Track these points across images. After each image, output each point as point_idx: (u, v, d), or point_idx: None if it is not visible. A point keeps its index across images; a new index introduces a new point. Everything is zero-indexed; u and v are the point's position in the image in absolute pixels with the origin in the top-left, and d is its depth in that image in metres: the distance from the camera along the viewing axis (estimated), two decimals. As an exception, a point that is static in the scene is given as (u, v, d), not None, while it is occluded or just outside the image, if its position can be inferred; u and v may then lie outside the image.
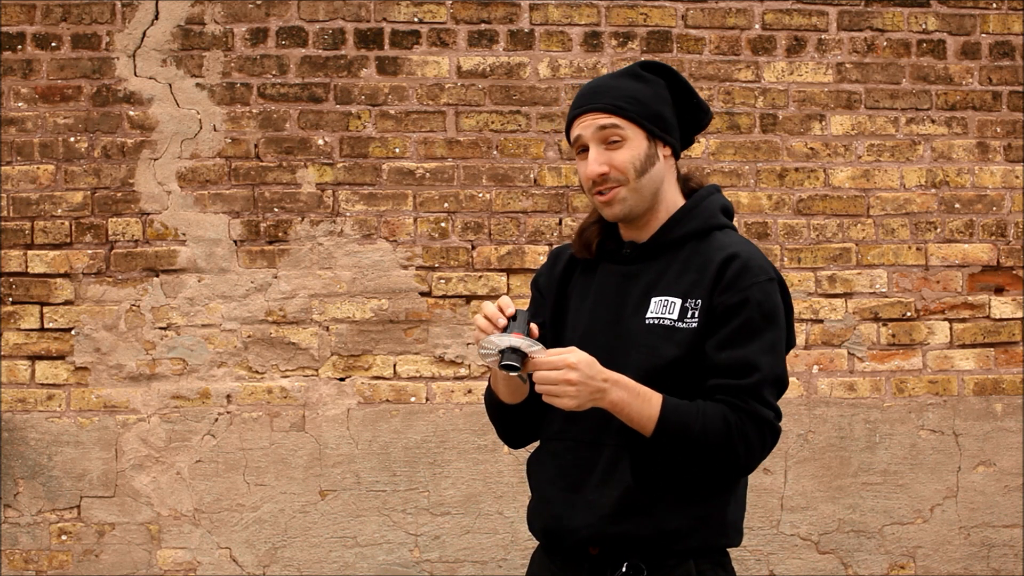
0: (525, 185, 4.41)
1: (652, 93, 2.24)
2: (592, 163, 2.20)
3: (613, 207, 2.22)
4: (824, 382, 4.49)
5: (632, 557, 2.16)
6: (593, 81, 2.29)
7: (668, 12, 4.48)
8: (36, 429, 4.27)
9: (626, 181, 2.20)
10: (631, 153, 2.20)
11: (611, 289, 2.24)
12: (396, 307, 4.36)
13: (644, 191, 2.22)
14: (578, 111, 2.24)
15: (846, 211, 4.52)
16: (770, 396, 2.14)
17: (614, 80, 2.25)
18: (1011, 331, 4.56)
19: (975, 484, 4.54)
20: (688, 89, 2.28)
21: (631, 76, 2.25)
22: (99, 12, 4.31)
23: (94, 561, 4.27)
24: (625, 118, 2.20)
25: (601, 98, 2.21)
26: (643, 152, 2.21)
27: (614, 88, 2.22)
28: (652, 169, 2.22)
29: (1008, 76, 4.59)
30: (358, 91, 4.36)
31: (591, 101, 2.22)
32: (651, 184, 2.22)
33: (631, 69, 2.26)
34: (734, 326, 2.13)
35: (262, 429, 4.32)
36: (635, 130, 2.20)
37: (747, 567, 4.42)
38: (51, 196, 4.29)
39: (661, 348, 2.15)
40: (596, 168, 2.19)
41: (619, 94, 2.21)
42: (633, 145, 2.20)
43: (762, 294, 2.16)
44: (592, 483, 2.18)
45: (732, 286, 2.15)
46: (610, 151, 2.20)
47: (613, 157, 2.20)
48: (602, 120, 2.20)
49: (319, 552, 4.33)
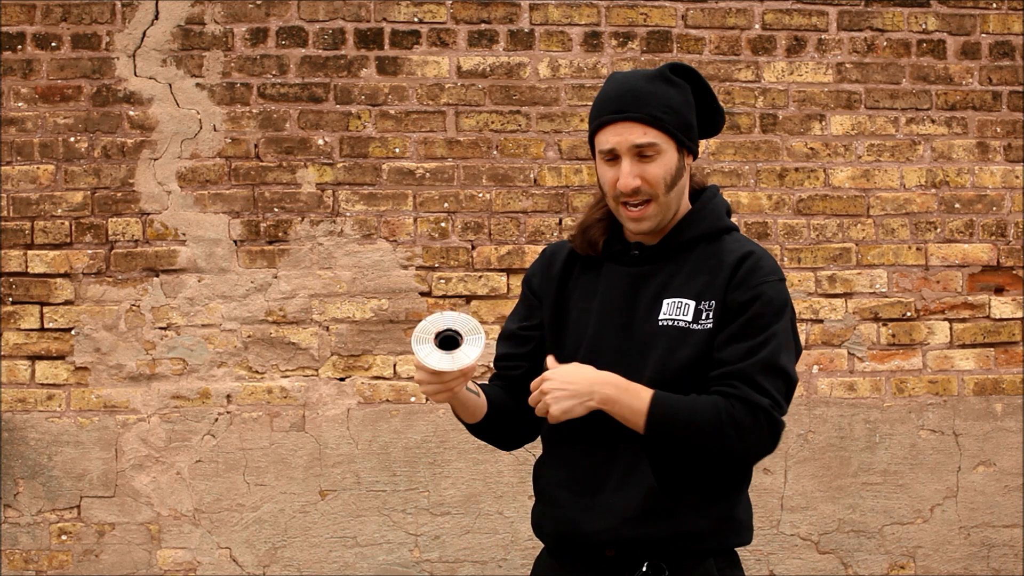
0: (525, 185, 4.41)
1: (683, 100, 2.18)
2: (626, 175, 2.14)
3: (642, 223, 2.18)
4: (824, 382, 4.49)
5: (652, 558, 2.15)
6: (627, 83, 2.19)
7: (668, 12, 4.48)
8: (36, 429, 4.27)
9: (656, 196, 2.16)
10: (664, 168, 2.15)
11: (620, 291, 2.22)
12: (396, 307, 4.36)
13: (672, 204, 2.19)
14: (614, 117, 2.16)
15: (846, 211, 4.52)
16: (766, 383, 2.09)
17: (650, 85, 2.17)
18: (1011, 331, 4.57)
19: (975, 484, 4.54)
20: (711, 93, 2.24)
21: (665, 81, 2.18)
22: (99, 12, 4.31)
23: (94, 561, 4.27)
24: (662, 130, 2.15)
25: (641, 107, 2.14)
26: (674, 166, 2.17)
27: (651, 95, 2.15)
28: (680, 182, 2.19)
29: (1008, 76, 4.59)
30: (358, 91, 4.36)
31: (628, 107, 2.15)
32: (678, 196, 2.20)
33: (663, 73, 2.18)
34: (741, 321, 2.12)
35: (262, 429, 4.32)
36: (669, 142, 2.16)
37: (747, 567, 4.42)
38: (51, 196, 4.29)
39: (677, 351, 2.14)
40: (631, 182, 2.14)
41: (658, 103, 2.15)
42: (666, 159, 2.16)
43: (773, 292, 2.15)
44: (610, 487, 2.16)
45: (744, 283, 2.14)
46: (643, 164, 2.15)
47: (646, 170, 2.15)
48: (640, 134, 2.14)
49: (319, 552, 4.33)
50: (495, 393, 2.30)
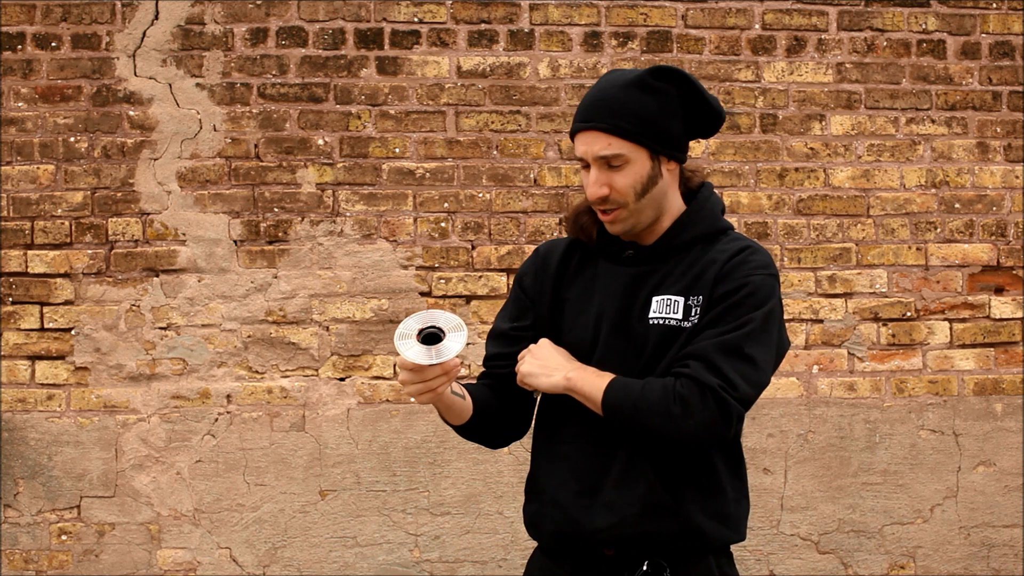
0: (525, 185, 4.41)
1: (659, 107, 2.15)
2: (592, 185, 2.16)
3: (615, 226, 2.20)
4: (824, 382, 4.49)
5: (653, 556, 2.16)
6: (601, 89, 2.19)
7: (668, 12, 4.48)
8: (36, 429, 4.27)
9: (625, 203, 2.16)
10: (632, 177, 2.15)
11: (617, 291, 2.22)
12: (396, 307, 4.36)
13: (645, 211, 2.19)
14: (582, 126, 2.17)
15: (846, 211, 4.52)
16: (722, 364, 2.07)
17: (622, 92, 2.15)
18: (1011, 331, 4.57)
19: (975, 484, 4.54)
20: (700, 94, 2.19)
21: (639, 88, 2.15)
22: (99, 12, 4.31)
23: (94, 561, 4.27)
24: (628, 140, 2.14)
25: (604, 116, 2.14)
26: (645, 174, 2.16)
27: (620, 105, 2.14)
28: (654, 189, 2.18)
29: (1008, 76, 4.59)
30: (358, 91, 4.36)
31: (594, 117, 2.15)
32: (653, 203, 2.19)
33: (641, 79, 2.16)
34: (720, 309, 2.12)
35: (262, 429, 4.32)
36: (638, 151, 2.15)
37: (747, 567, 4.42)
38: (51, 196, 4.29)
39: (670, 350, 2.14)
40: (596, 191, 2.16)
41: (624, 112, 2.14)
42: (635, 168, 2.15)
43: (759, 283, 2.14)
44: (609, 485, 2.16)
45: (730, 275, 2.14)
46: (611, 172, 2.15)
47: (614, 179, 2.15)
48: (603, 145, 2.14)
49: (319, 552, 4.33)
50: (481, 393, 2.30)
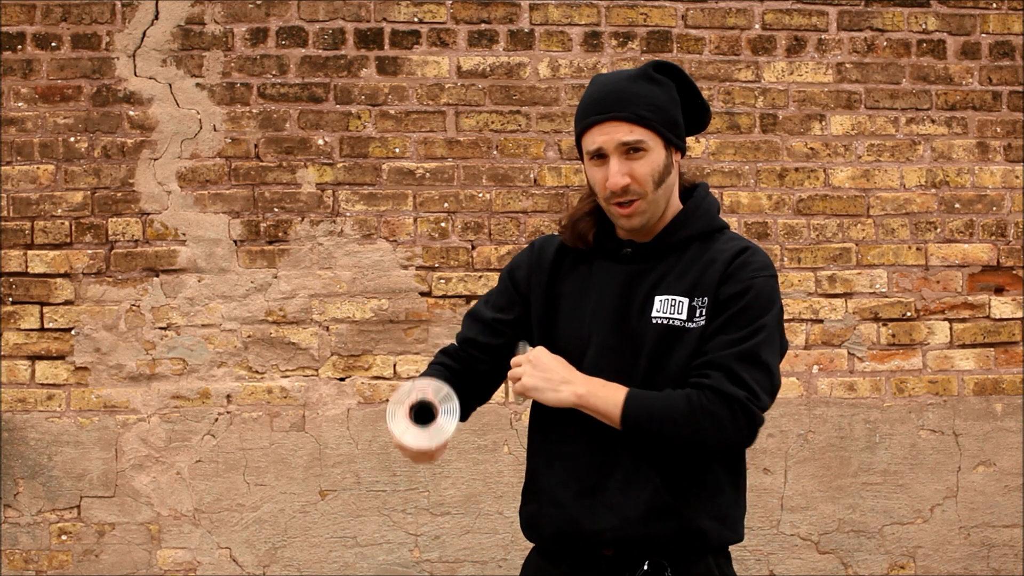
0: (525, 185, 4.41)
1: (667, 98, 2.20)
2: (615, 175, 2.16)
3: (633, 219, 2.20)
4: (824, 382, 4.49)
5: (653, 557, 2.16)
6: (609, 84, 2.21)
7: (668, 12, 4.48)
8: (36, 429, 4.27)
9: (645, 194, 2.17)
10: (651, 165, 2.17)
11: (614, 289, 2.22)
12: (396, 307, 4.36)
13: (660, 201, 2.20)
14: (600, 117, 2.18)
15: (846, 211, 4.52)
16: (744, 373, 2.09)
17: (633, 84, 2.18)
18: (1011, 331, 4.56)
19: (975, 484, 4.54)
20: (695, 90, 2.25)
21: (648, 80, 2.19)
22: (99, 12, 4.31)
23: (94, 561, 4.27)
24: (648, 128, 2.16)
25: (626, 106, 2.16)
26: (662, 163, 2.18)
27: (635, 95, 2.17)
28: (668, 178, 2.20)
29: (1008, 76, 4.59)
30: (358, 91, 4.36)
31: (613, 107, 2.17)
32: (666, 193, 2.21)
33: (645, 72, 2.20)
34: (729, 314, 2.13)
35: (262, 429, 4.32)
36: (656, 140, 2.17)
37: (747, 567, 4.42)
38: (51, 196, 4.29)
39: (674, 350, 2.14)
40: (620, 180, 2.16)
41: (642, 102, 2.16)
42: (653, 156, 2.17)
43: (763, 286, 2.15)
44: (612, 486, 2.16)
45: (734, 276, 2.15)
46: (631, 161, 2.16)
47: (634, 168, 2.16)
48: (626, 132, 2.15)
49: (319, 552, 4.33)
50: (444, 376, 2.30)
